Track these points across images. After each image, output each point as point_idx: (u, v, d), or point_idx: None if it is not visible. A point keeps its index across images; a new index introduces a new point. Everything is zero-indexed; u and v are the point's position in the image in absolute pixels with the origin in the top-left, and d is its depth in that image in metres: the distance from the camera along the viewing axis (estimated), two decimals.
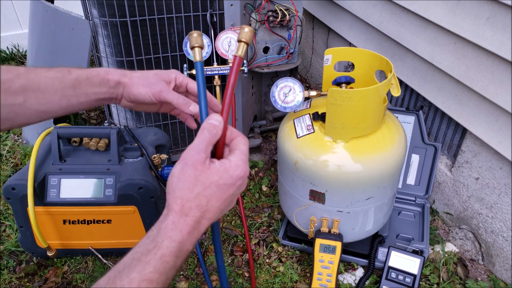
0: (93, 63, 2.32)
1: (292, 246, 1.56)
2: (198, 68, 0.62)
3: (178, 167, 0.55)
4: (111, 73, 0.76)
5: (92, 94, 0.74)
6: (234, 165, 0.57)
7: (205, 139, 0.56)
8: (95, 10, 1.47)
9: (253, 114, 2.04)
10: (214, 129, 0.58)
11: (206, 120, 0.59)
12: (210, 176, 0.55)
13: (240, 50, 0.60)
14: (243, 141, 0.60)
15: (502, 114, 1.24)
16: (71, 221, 1.38)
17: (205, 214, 0.55)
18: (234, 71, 0.59)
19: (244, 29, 0.59)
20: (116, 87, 0.76)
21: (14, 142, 2.08)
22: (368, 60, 1.29)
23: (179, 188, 0.54)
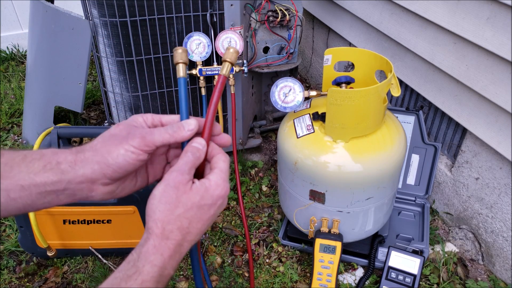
0: (93, 63, 2.33)
1: (292, 246, 1.55)
2: (181, 84, 0.60)
3: (160, 189, 0.52)
4: (62, 152, 0.54)
5: (32, 187, 0.51)
6: (214, 184, 0.55)
7: (188, 162, 0.55)
8: (95, 10, 1.47)
9: (253, 114, 2.04)
10: (197, 152, 0.56)
11: (190, 143, 0.57)
12: (192, 197, 0.53)
13: (225, 69, 0.60)
14: (223, 158, 0.58)
15: (502, 114, 1.24)
16: (71, 221, 1.38)
17: (186, 237, 0.53)
18: (217, 90, 0.59)
19: (229, 50, 0.60)
20: (71, 171, 0.52)
21: (14, 142, 2.08)
22: (368, 60, 1.29)
23: (160, 209, 0.52)
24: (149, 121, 0.59)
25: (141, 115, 0.59)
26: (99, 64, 1.64)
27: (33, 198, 0.52)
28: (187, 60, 0.60)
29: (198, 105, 1.73)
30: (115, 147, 0.53)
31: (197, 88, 1.68)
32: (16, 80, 2.57)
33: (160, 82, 1.63)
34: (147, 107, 1.67)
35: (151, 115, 0.59)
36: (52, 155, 0.53)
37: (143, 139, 0.54)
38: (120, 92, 1.63)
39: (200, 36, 1.52)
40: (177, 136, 0.56)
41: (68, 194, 0.54)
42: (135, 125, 0.57)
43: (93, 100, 2.38)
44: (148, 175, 0.63)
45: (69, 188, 0.53)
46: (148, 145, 0.54)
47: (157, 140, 0.54)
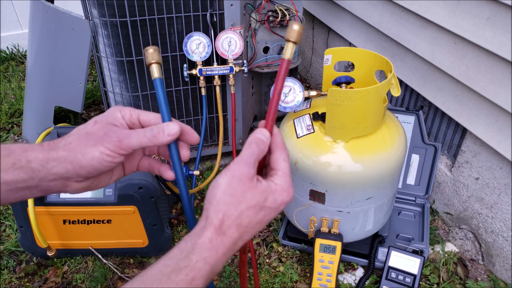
0: (93, 63, 2.32)
1: (292, 246, 1.55)
2: (158, 85, 0.56)
3: (226, 178, 0.50)
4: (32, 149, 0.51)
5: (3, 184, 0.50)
6: (280, 189, 0.52)
7: (254, 154, 0.52)
8: (95, 10, 1.47)
9: (253, 114, 2.04)
10: (262, 145, 0.53)
11: (254, 134, 0.54)
12: (257, 195, 0.51)
13: (289, 52, 0.53)
14: (284, 157, 0.54)
15: (502, 114, 1.24)
16: (71, 221, 1.38)
17: (242, 236, 0.51)
18: (281, 76, 0.54)
19: (293, 26, 0.52)
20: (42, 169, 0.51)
21: (14, 142, 2.08)
22: (368, 60, 1.29)
23: (224, 201, 0.49)
24: (127, 117, 0.56)
25: (119, 110, 0.56)
26: (99, 64, 1.64)
27: (5, 194, 0.51)
28: (160, 59, 0.57)
29: (198, 105, 1.73)
30: (90, 148, 0.51)
31: (197, 88, 1.68)
32: (16, 80, 2.57)
33: None
34: (147, 107, 1.67)
35: (130, 110, 0.56)
36: (22, 153, 0.51)
37: (119, 142, 0.52)
38: (120, 92, 1.63)
39: (200, 36, 1.52)
40: (156, 141, 0.53)
41: (41, 190, 0.53)
42: (114, 122, 0.54)
43: (93, 100, 2.38)
44: (124, 169, 0.61)
45: (42, 185, 0.52)
46: (125, 149, 0.52)
47: (135, 144, 0.52)
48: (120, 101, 1.66)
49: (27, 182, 0.51)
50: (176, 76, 1.63)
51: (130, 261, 1.53)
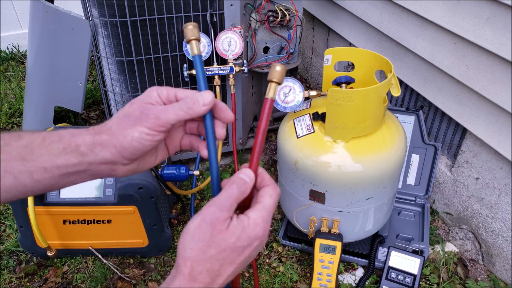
0: (93, 63, 2.33)
1: (292, 246, 1.55)
2: (197, 62, 0.55)
3: (195, 223, 0.49)
4: (80, 134, 0.52)
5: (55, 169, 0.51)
6: (253, 224, 0.50)
7: (232, 196, 0.50)
8: (95, 10, 1.47)
9: (253, 114, 2.04)
10: (243, 186, 0.51)
11: (237, 173, 0.53)
12: (227, 237, 0.49)
13: (271, 92, 0.54)
14: (270, 193, 0.53)
15: (502, 114, 1.24)
16: (71, 221, 1.38)
17: (215, 280, 0.49)
18: (265, 114, 0.54)
19: (276, 67, 0.54)
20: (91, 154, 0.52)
21: None
22: (368, 60, 1.29)
23: (191, 247, 0.48)
24: (164, 96, 0.55)
25: (156, 89, 0.55)
26: (99, 64, 1.64)
27: (57, 179, 0.52)
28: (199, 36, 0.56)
29: None
30: (129, 129, 0.51)
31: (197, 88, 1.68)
32: (16, 80, 2.57)
33: (160, 82, 1.63)
34: None
35: (166, 88, 0.55)
36: (71, 137, 0.52)
37: (157, 119, 0.51)
38: (120, 92, 1.63)
39: (200, 36, 1.52)
40: (193, 113, 0.52)
41: (90, 174, 0.54)
42: (150, 101, 0.54)
43: (93, 100, 2.38)
44: (168, 148, 0.60)
45: (91, 169, 0.53)
46: (163, 125, 0.51)
47: (172, 119, 0.52)
48: (120, 101, 1.66)
49: (77, 166, 0.52)
50: (176, 76, 1.63)
51: (130, 261, 1.53)
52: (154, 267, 1.52)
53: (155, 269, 1.51)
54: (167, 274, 1.49)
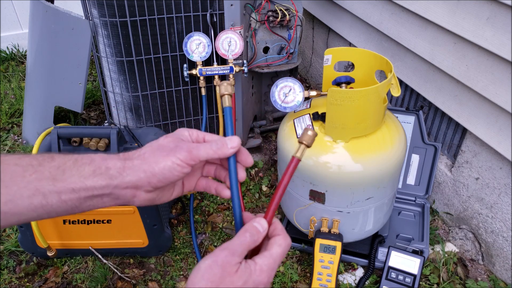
0: (93, 63, 2.33)
1: (292, 246, 1.56)
2: (227, 113, 0.63)
3: (207, 263, 0.51)
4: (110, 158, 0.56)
5: (82, 190, 0.53)
6: (259, 270, 0.52)
7: (244, 243, 0.53)
8: (95, 10, 1.47)
9: (253, 114, 2.04)
10: (256, 235, 0.55)
11: (252, 222, 0.56)
12: (235, 280, 0.51)
13: (300, 152, 0.60)
14: (279, 243, 0.55)
15: (502, 114, 1.24)
16: (71, 221, 1.38)
17: None
18: (289, 172, 0.58)
19: (308, 132, 0.60)
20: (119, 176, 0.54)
21: (14, 142, 2.08)
22: (368, 60, 1.29)
23: (201, 286, 0.50)
24: (194, 136, 0.61)
25: (186, 130, 0.61)
26: (99, 64, 1.64)
27: (81, 200, 0.54)
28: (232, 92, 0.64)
29: (198, 105, 1.74)
30: (163, 158, 0.55)
31: (197, 88, 1.68)
32: (16, 80, 2.58)
33: (160, 82, 1.63)
34: (147, 107, 1.67)
35: (196, 131, 0.62)
36: (102, 161, 0.55)
37: (189, 153, 0.56)
38: (120, 92, 1.63)
39: (200, 36, 1.52)
40: (221, 153, 0.57)
41: (112, 198, 0.56)
42: (182, 138, 0.59)
43: (93, 100, 2.38)
44: (184, 186, 0.65)
45: (114, 193, 0.55)
46: (194, 159, 0.56)
47: (202, 155, 0.56)
48: (120, 101, 1.66)
49: (103, 189, 0.54)
50: (176, 76, 1.63)
51: (130, 261, 1.53)
52: (154, 267, 1.52)
53: (155, 269, 1.51)
54: (167, 274, 1.50)
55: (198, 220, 1.68)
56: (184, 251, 1.57)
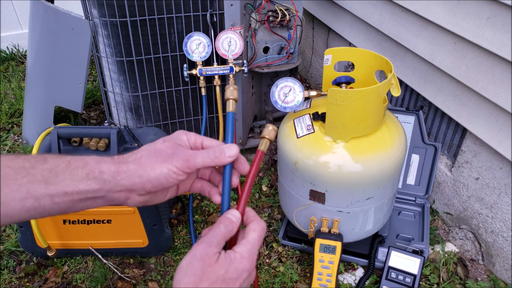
0: (93, 63, 2.33)
1: (292, 246, 1.55)
2: (230, 119, 0.63)
3: (187, 260, 0.52)
4: (105, 161, 0.55)
5: (75, 193, 0.53)
6: (239, 257, 0.54)
7: (219, 233, 0.54)
8: (95, 10, 1.47)
9: (253, 114, 2.04)
10: (230, 225, 0.56)
11: (225, 214, 0.57)
12: (217, 270, 0.52)
13: (263, 145, 0.62)
14: (254, 228, 0.57)
15: (502, 114, 1.24)
16: (71, 221, 1.38)
17: None
18: (255, 164, 0.60)
19: (269, 127, 0.62)
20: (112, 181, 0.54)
21: (14, 142, 2.08)
22: (368, 60, 1.29)
23: (185, 282, 0.51)
24: (192, 141, 0.60)
25: (185, 133, 0.59)
26: (99, 64, 1.64)
27: (74, 203, 0.54)
28: (237, 97, 0.64)
29: (198, 105, 1.74)
30: (159, 164, 0.54)
31: (197, 88, 1.68)
32: (16, 80, 2.58)
33: (160, 82, 1.63)
34: (147, 107, 1.67)
35: (194, 135, 0.60)
36: (95, 164, 0.54)
37: (186, 161, 0.55)
38: (120, 92, 1.63)
39: (200, 36, 1.52)
40: (218, 162, 0.57)
41: (106, 200, 0.56)
42: (180, 143, 0.58)
43: (93, 100, 2.38)
44: (178, 189, 0.64)
45: (108, 196, 0.55)
46: (190, 168, 0.56)
47: (199, 163, 0.56)
48: (120, 101, 1.66)
49: (97, 192, 0.54)
50: (176, 76, 1.63)
51: (130, 261, 1.53)
52: (154, 267, 1.52)
53: (155, 269, 1.51)
54: (167, 274, 1.50)
55: (198, 220, 1.68)
56: (184, 251, 1.57)
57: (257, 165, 0.60)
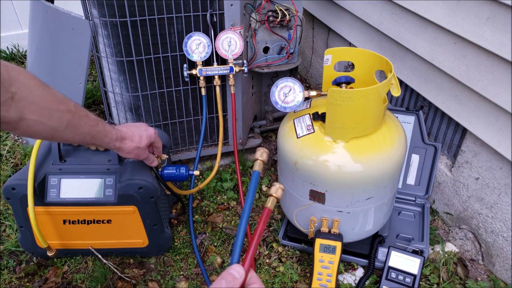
0: (93, 63, 2.32)
1: (292, 246, 1.55)
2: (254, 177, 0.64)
3: None
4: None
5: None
6: None
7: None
8: (95, 10, 1.47)
9: (253, 114, 2.04)
10: (232, 282, 0.54)
11: (228, 269, 0.56)
12: None
13: (270, 203, 0.63)
14: None
15: (502, 114, 1.24)
16: (71, 221, 1.38)
17: None
18: (262, 221, 0.61)
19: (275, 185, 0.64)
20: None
21: (14, 142, 2.08)
22: (368, 60, 1.29)
23: None
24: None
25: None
26: (99, 64, 1.64)
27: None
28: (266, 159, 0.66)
29: (198, 105, 1.73)
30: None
31: (197, 88, 1.68)
32: None
33: (160, 82, 1.63)
34: (147, 107, 1.67)
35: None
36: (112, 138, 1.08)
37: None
38: (120, 92, 1.63)
39: (200, 36, 1.52)
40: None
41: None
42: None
43: (93, 100, 2.38)
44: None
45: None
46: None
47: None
48: (120, 101, 1.66)
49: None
50: (176, 76, 1.63)
51: (130, 261, 1.53)
52: (154, 267, 1.52)
53: (155, 269, 1.51)
54: (167, 274, 1.50)
55: (198, 220, 1.68)
56: (184, 251, 1.57)
57: (263, 223, 0.61)
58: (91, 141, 0.98)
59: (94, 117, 0.97)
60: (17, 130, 0.77)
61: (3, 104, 0.71)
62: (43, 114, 0.80)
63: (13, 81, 0.72)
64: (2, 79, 0.70)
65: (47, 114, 0.81)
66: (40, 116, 0.79)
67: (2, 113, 0.71)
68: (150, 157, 1.25)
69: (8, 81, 0.71)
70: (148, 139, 1.19)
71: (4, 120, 0.73)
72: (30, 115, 0.76)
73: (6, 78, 0.71)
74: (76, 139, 0.94)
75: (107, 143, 1.04)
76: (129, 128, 1.16)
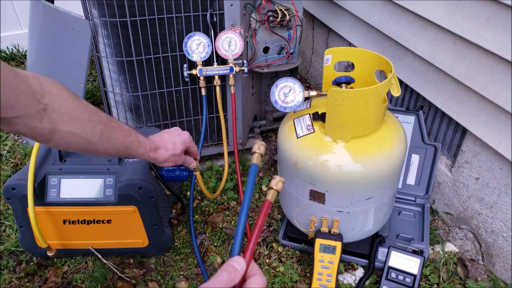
0: (93, 63, 2.33)
1: (292, 246, 1.55)
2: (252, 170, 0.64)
3: None
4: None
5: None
6: None
7: (221, 281, 0.53)
8: (95, 10, 1.47)
9: (253, 114, 2.04)
10: (233, 273, 0.55)
11: (229, 261, 0.56)
12: None
13: (271, 195, 0.63)
14: (258, 282, 0.56)
15: (502, 114, 1.24)
16: (71, 221, 1.38)
17: None
18: (263, 214, 0.61)
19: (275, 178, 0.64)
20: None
21: (14, 142, 2.08)
22: (368, 60, 1.29)
23: None
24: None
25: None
26: (99, 64, 1.64)
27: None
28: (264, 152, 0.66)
29: (198, 105, 1.74)
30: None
31: (197, 88, 1.68)
32: None
33: (160, 82, 1.63)
34: (147, 107, 1.67)
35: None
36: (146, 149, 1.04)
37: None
38: (120, 92, 1.63)
39: (200, 36, 1.52)
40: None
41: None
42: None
43: (93, 100, 2.38)
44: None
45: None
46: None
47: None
48: (120, 101, 1.66)
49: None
50: (176, 76, 1.63)
51: (130, 261, 1.53)
52: (154, 267, 1.52)
53: (155, 269, 1.51)
54: (167, 274, 1.50)
55: (198, 220, 1.68)
56: (184, 251, 1.57)
57: (264, 216, 0.61)
58: (125, 151, 0.95)
59: (126, 127, 0.95)
60: (51, 142, 0.76)
61: (36, 115, 0.69)
62: (76, 125, 0.78)
63: (45, 92, 0.71)
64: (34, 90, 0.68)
65: (80, 125, 0.79)
66: (73, 127, 0.77)
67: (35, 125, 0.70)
68: (187, 160, 1.22)
69: (40, 93, 0.70)
70: (183, 145, 1.15)
71: (37, 132, 0.71)
72: (63, 126, 0.75)
73: (38, 89, 0.69)
74: (110, 151, 0.91)
75: (141, 153, 1.01)
76: (162, 136, 1.12)
